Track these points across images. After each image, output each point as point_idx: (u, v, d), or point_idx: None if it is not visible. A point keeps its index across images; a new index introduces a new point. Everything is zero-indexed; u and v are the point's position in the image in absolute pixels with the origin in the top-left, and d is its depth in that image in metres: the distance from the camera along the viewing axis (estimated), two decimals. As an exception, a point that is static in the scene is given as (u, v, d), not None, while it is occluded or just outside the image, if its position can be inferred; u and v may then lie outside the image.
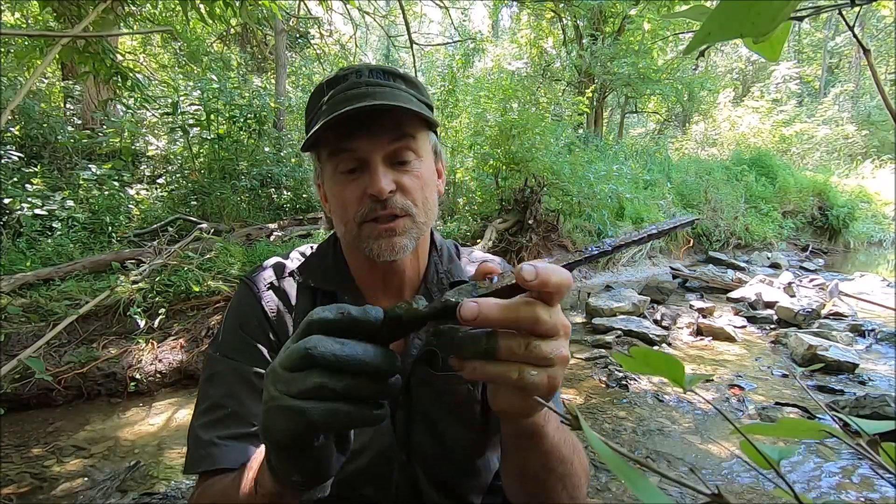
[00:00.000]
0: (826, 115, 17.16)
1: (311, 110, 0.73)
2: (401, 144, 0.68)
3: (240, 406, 0.66)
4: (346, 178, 0.69)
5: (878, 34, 19.72)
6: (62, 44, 2.12)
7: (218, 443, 0.64)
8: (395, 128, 0.67)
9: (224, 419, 0.65)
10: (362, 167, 0.68)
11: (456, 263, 0.83)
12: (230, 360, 0.70)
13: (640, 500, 0.23)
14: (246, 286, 0.77)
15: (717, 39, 0.27)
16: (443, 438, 0.74)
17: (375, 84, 0.69)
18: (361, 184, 0.68)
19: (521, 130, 5.58)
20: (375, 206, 0.67)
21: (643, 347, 0.36)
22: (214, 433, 0.65)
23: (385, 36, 11.71)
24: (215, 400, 0.67)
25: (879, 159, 14.98)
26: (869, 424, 0.30)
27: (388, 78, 0.71)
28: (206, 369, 0.72)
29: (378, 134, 0.67)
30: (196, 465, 0.64)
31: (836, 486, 2.11)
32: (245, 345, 0.71)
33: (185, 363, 3.07)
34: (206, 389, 0.69)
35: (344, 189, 0.69)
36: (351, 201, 0.68)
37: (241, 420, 0.65)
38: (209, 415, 0.66)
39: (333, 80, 0.71)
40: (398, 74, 0.72)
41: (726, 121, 15.01)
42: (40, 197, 4.17)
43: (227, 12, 2.75)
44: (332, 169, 0.70)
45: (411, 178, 0.69)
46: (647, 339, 3.86)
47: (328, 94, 0.70)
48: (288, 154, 6.20)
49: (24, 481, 2.10)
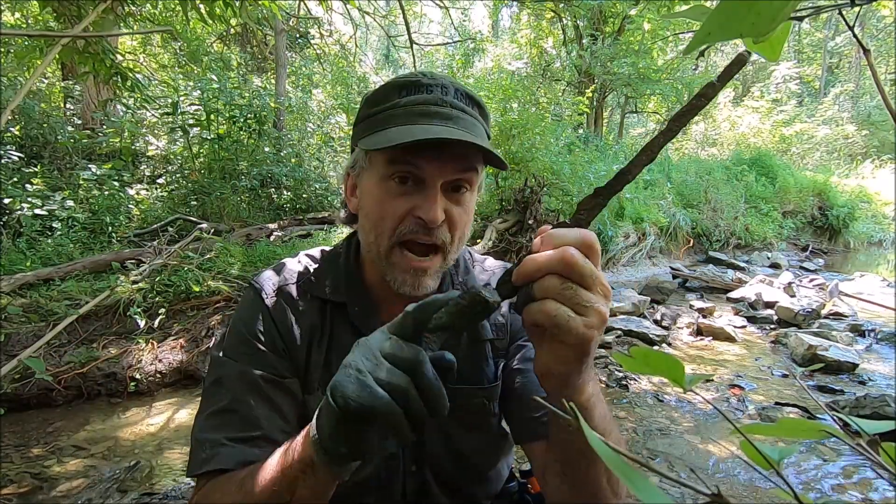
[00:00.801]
0: (826, 115, 17.17)
1: (377, 103, 0.69)
2: (464, 176, 0.67)
3: (248, 410, 0.65)
4: (396, 188, 0.66)
5: (878, 34, 19.71)
6: (62, 44, 2.12)
7: (226, 443, 0.63)
8: (463, 158, 0.65)
9: (232, 422, 0.65)
10: (417, 185, 0.65)
11: (471, 275, 0.82)
12: (237, 364, 0.68)
13: (640, 500, 0.23)
14: (253, 290, 0.75)
15: (717, 39, 0.27)
16: (458, 450, 0.74)
17: (460, 108, 0.67)
18: (411, 201, 0.65)
19: (521, 130, 5.58)
20: (419, 230, 0.65)
21: (643, 347, 0.36)
22: (223, 434, 0.64)
23: (385, 36, 11.72)
24: (223, 403, 0.66)
25: (879, 159, 14.98)
26: (869, 424, 0.30)
27: (470, 104, 0.69)
28: (211, 371, 0.71)
29: (447, 161, 0.64)
30: (202, 465, 0.63)
31: (836, 486, 2.11)
32: (252, 349, 0.70)
33: (185, 363, 3.07)
34: (213, 392, 0.68)
35: (391, 199, 0.66)
36: (394, 215, 0.65)
37: (249, 423, 0.65)
38: (217, 417, 0.66)
39: (414, 84, 0.67)
40: (477, 102, 0.70)
41: (726, 121, 15.01)
42: (40, 197, 4.17)
43: (227, 12, 2.75)
44: (384, 173, 0.66)
45: (460, 212, 0.68)
46: (647, 339, 3.86)
47: (405, 96, 0.66)
48: (288, 154, 6.20)
49: (24, 481, 2.10)
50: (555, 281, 0.43)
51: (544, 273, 0.44)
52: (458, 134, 0.62)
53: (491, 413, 0.76)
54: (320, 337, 0.73)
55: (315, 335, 0.73)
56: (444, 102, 0.66)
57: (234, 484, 0.59)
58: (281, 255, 4.02)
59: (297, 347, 0.71)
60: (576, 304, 0.43)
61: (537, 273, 0.44)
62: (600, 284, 0.45)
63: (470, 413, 0.75)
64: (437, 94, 0.66)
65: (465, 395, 0.74)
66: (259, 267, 3.81)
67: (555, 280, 0.43)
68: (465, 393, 0.74)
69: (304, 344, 0.72)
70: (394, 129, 0.63)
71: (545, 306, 0.44)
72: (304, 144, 6.98)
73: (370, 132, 0.66)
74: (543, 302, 0.44)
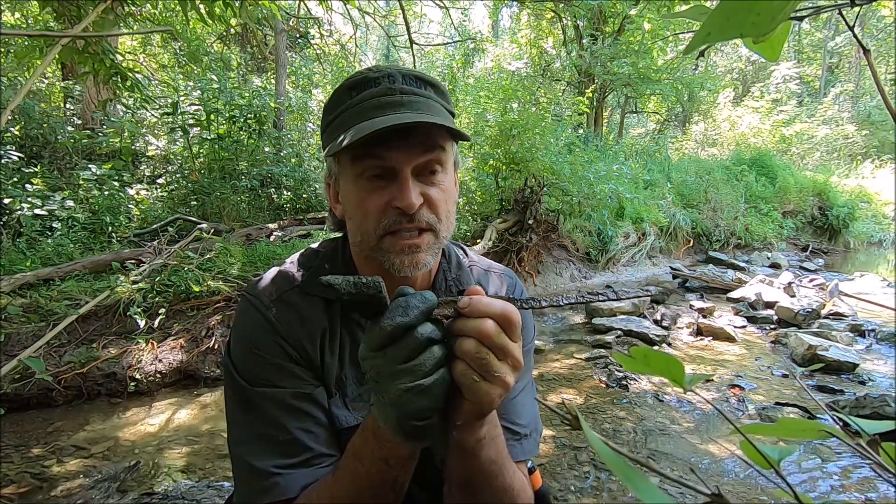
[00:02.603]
0: (826, 115, 17.16)
1: (332, 109, 0.70)
2: (431, 157, 0.67)
3: (287, 434, 0.65)
4: (369, 186, 0.66)
5: (878, 34, 19.71)
6: (62, 44, 2.12)
7: (281, 472, 0.63)
8: (427, 139, 0.65)
9: (276, 448, 0.65)
10: (388, 176, 0.66)
11: (465, 271, 0.82)
12: (261, 389, 0.67)
13: (640, 500, 0.23)
14: (249, 304, 0.73)
15: (717, 39, 0.27)
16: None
17: (410, 92, 0.67)
18: (387, 194, 0.65)
19: (521, 130, 5.58)
20: (401, 219, 0.66)
21: (643, 347, 0.36)
22: (271, 463, 0.64)
23: (385, 36, 11.72)
24: (259, 429, 0.66)
25: (879, 159, 14.98)
26: (869, 424, 0.30)
27: (421, 85, 0.69)
28: (233, 394, 0.69)
29: (412, 146, 0.64)
30: (261, 496, 0.63)
31: (836, 486, 2.11)
32: (269, 366, 0.68)
33: (185, 363, 3.07)
34: (243, 417, 0.67)
35: (367, 197, 0.66)
36: (373, 211, 0.66)
37: (294, 446, 0.65)
38: (259, 444, 0.65)
39: (362, 81, 0.68)
40: (429, 82, 0.70)
41: (726, 121, 15.01)
42: (40, 197, 4.16)
43: (227, 12, 2.75)
44: (355, 174, 0.67)
45: (438, 192, 0.68)
46: (647, 339, 3.86)
47: (356, 95, 0.67)
48: (288, 154, 6.20)
49: (24, 481, 2.10)
50: (472, 345, 0.48)
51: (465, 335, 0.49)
52: (409, 117, 0.62)
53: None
54: (331, 338, 0.72)
55: (325, 336, 0.72)
56: (392, 91, 0.66)
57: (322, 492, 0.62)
58: (281, 255, 4.02)
59: (309, 354, 0.71)
60: (485, 371, 0.48)
61: (459, 333, 0.49)
62: (511, 357, 0.49)
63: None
64: (384, 84, 0.66)
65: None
66: (259, 267, 3.81)
67: (471, 343, 0.48)
68: None
69: (316, 348, 0.71)
70: (351, 130, 0.64)
71: (458, 366, 0.49)
72: (304, 144, 6.98)
73: (333, 138, 0.67)
74: (457, 361, 0.49)
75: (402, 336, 0.48)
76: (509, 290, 0.87)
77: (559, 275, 6.05)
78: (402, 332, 0.47)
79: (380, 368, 0.48)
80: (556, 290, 5.75)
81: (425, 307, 0.48)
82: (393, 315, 0.48)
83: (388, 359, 0.48)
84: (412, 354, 0.47)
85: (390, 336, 0.47)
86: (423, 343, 0.48)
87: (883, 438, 0.28)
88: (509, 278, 0.88)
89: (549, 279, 5.88)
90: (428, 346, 0.48)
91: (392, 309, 0.48)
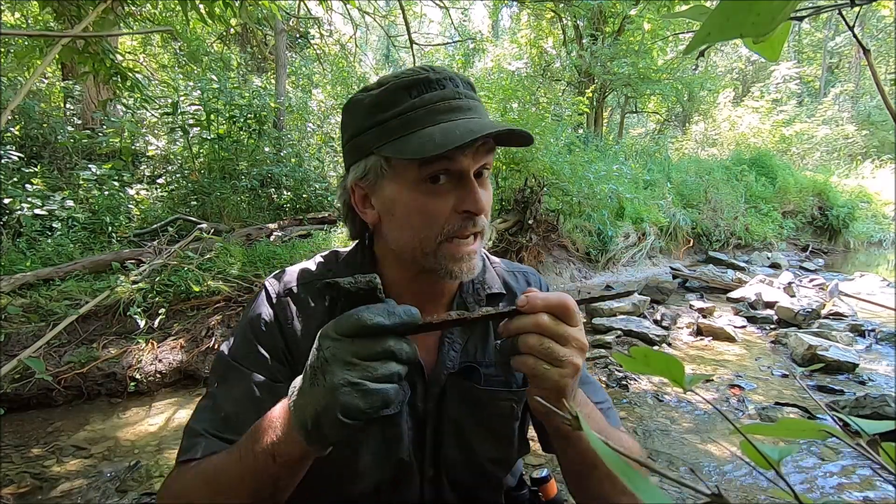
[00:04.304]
0: (826, 115, 17.16)
1: (386, 107, 0.65)
2: (488, 160, 0.67)
3: (234, 412, 0.66)
4: (433, 189, 0.64)
5: (878, 34, 19.70)
6: (62, 44, 2.12)
7: (208, 436, 0.64)
8: (487, 142, 0.65)
9: (218, 418, 0.66)
10: (451, 179, 0.64)
11: (490, 273, 0.82)
12: (239, 366, 0.69)
13: (640, 500, 0.23)
14: (265, 291, 0.74)
15: (717, 39, 0.27)
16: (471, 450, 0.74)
17: (472, 97, 0.67)
18: (451, 197, 0.64)
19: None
20: (467, 224, 0.65)
21: (643, 347, 0.36)
22: (205, 426, 0.65)
23: (385, 36, 11.72)
24: (216, 399, 0.68)
25: (879, 159, 14.98)
26: (869, 424, 0.30)
27: (473, 90, 0.69)
28: (217, 367, 0.72)
29: (476, 148, 0.64)
30: (182, 453, 0.64)
31: (836, 486, 2.11)
32: (254, 351, 0.70)
33: (185, 363, 3.07)
34: (214, 389, 0.70)
35: (433, 201, 0.64)
36: (439, 215, 0.64)
37: (229, 425, 0.65)
38: (208, 412, 0.67)
39: (423, 81, 0.64)
40: (474, 87, 0.71)
41: (726, 121, 15.01)
42: (40, 197, 4.16)
43: (227, 12, 2.75)
44: (416, 177, 0.63)
45: (487, 194, 0.68)
46: (647, 339, 3.86)
47: (417, 96, 0.64)
48: (288, 154, 6.19)
49: (24, 481, 2.10)
50: (534, 339, 0.52)
51: (524, 332, 0.53)
52: (488, 124, 0.62)
53: (516, 417, 0.76)
54: None
55: None
56: (459, 94, 0.65)
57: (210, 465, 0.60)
58: (281, 255, 4.02)
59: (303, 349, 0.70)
60: (552, 359, 0.52)
61: (518, 332, 0.53)
62: (574, 339, 0.54)
63: (496, 416, 0.74)
64: (450, 87, 0.65)
65: (494, 397, 0.74)
66: (259, 267, 3.81)
67: (534, 338, 0.52)
68: (495, 395, 0.74)
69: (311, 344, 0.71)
70: (425, 131, 0.62)
71: (526, 360, 0.53)
72: (304, 144, 6.98)
73: (391, 138, 0.63)
74: (525, 356, 0.53)
75: (373, 335, 0.48)
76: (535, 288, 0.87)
77: (559, 275, 6.05)
78: (375, 332, 0.48)
79: (336, 351, 0.48)
80: (556, 290, 5.74)
81: (407, 320, 0.49)
82: (375, 313, 0.48)
83: (350, 347, 0.48)
84: (373, 356, 0.48)
85: (363, 329, 0.48)
86: (388, 352, 0.48)
87: (883, 438, 0.28)
88: (534, 276, 0.88)
89: (549, 279, 5.88)
90: (390, 358, 0.49)
91: (378, 307, 0.49)
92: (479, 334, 0.77)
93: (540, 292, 0.54)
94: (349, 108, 0.70)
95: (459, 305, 0.76)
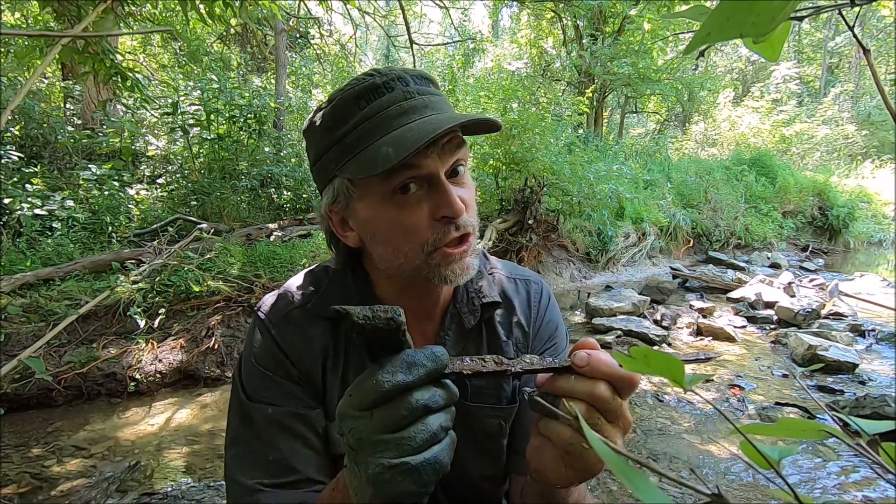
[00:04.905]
0: (826, 115, 17.16)
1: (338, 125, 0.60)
2: (459, 156, 0.62)
3: (277, 454, 0.64)
4: (403, 201, 0.59)
5: (878, 34, 19.70)
6: (62, 44, 2.12)
7: (264, 490, 0.62)
8: (454, 138, 0.60)
9: (264, 466, 0.63)
10: (421, 186, 0.59)
11: (486, 280, 0.76)
12: (257, 404, 0.66)
13: (640, 500, 0.23)
14: (257, 320, 0.71)
15: (717, 39, 0.27)
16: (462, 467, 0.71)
17: (426, 93, 0.61)
18: (426, 205, 0.60)
19: (521, 130, 5.58)
20: (448, 229, 0.60)
21: (643, 347, 0.36)
22: (257, 480, 0.62)
23: (385, 36, 11.72)
24: (251, 445, 0.65)
25: (879, 159, 14.98)
26: (869, 424, 0.30)
27: (428, 84, 0.63)
28: (236, 408, 0.68)
29: (441, 147, 0.59)
30: None
31: (836, 486, 2.11)
32: (269, 384, 0.67)
33: (185, 363, 3.07)
34: (240, 429, 0.66)
35: (406, 214, 0.59)
36: (418, 226, 0.60)
37: (281, 467, 0.63)
38: (249, 459, 0.64)
39: (370, 88, 0.60)
40: (431, 78, 0.65)
41: (726, 121, 15.01)
42: (40, 197, 4.16)
43: (227, 12, 2.76)
44: (384, 191, 0.59)
45: (467, 191, 0.63)
46: (647, 339, 3.86)
47: (366, 106, 0.59)
48: (288, 154, 6.20)
49: (24, 481, 2.10)
50: (582, 408, 0.43)
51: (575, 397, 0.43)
52: (447, 119, 0.58)
53: (504, 435, 0.74)
54: (334, 357, 0.69)
55: (328, 357, 0.69)
56: (410, 94, 0.60)
57: None
58: (281, 255, 4.02)
59: (312, 374, 0.69)
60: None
61: (564, 395, 0.44)
62: (623, 418, 0.45)
63: (485, 434, 0.72)
64: (399, 88, 0.60)
65: (483, 414, 0.72)
66: (259, 267, 3.82)
67: (582, 407, 0.43)
68: (484, 412, 0.72)
69: (318, 369, 0.69)
70: (378, 142, 0.57)
71: (562, 433, 0.43)
72: (304, 145, 6.98)
73: (348, 158, 0.59)
74: (562, 427, 0.43)
75: (395, 398, 0.40)
76: (534, 299, 0.79)
77: (559, 275, 6.05)
78: (398, 393, 0.40)
79: (361, 433, 0.40)
80: (557, 291, 5.75)
81: (433, 368, 0.41)
82: (394, 370, 0.40)
83: (374, 423, 0.40)
84: (402, 423, 0.40)
85: (383, 396, 0.40)
86: (418, 411, 0.40)
87: (883, 438, 0.28)
88: (536, 285, 0.81)
89: (550, 279, 5.88)
90: (423, 415, 0.41)
91: (394, 362, 0.41)
92: (472, 346, 0.73)
93: (605, 355, 0.44)
94: (307, 133, 0.66)
95: (453, 316, 0.73)
